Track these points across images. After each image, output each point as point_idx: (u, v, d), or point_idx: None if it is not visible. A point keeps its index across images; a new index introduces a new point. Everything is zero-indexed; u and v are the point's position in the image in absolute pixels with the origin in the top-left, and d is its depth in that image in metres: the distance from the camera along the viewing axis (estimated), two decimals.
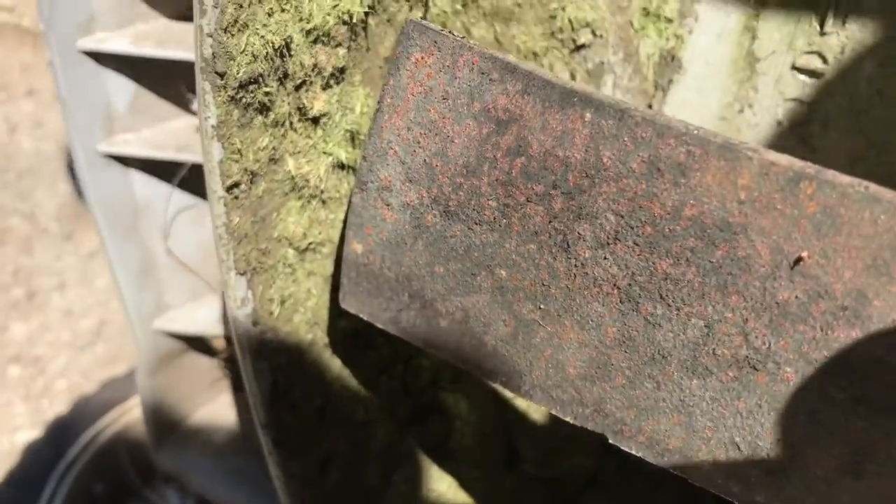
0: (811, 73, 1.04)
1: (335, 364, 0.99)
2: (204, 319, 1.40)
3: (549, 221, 0.67)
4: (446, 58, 0.69)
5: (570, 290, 0.68)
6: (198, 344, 1.50)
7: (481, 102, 0.67)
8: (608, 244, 0.65)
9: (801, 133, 1.07)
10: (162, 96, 1.25)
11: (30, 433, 2.07)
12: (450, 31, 0.69)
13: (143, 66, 1.19)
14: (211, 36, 0.69)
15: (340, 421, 1.02)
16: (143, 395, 1.49)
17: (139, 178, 1.27)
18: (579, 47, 1.08)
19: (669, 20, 1.05)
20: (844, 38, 1.00)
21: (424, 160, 0.72)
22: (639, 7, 1.05)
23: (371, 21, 0.84)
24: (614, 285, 0.66)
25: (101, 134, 1.21)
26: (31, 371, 2.25)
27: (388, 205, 0.76)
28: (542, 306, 0.70)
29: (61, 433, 1.81)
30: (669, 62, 1.09)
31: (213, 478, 1.57)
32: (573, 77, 1.12)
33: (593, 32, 1.07)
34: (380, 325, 0.81)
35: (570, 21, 1.05)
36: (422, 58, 0.70)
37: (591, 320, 0.68)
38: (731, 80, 1.08)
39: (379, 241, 0.77)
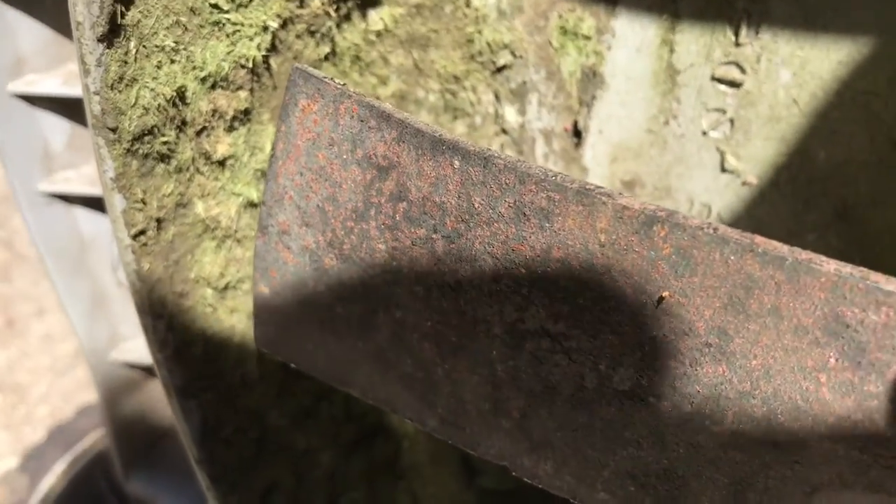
0: (731, 84, 1.04)
1: (269, 396, 1.00)
2: None
3: (435, 264, 0.68)
4: (329, 105, 0.70)
5: (461, 329, 0.69)
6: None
7: (363, 149, 0.68)
8: (491, 284, 0.66)
9: (726, 142, 1.07)
10: None
11: (11, 461, 2.10)
12: (331, 78, 0.70)
13: (78, 105, 1.20)
14: (98, 94, 0.71)
15: (280, 451, 1.04)
16: (106, 426, 1.51)
17: (83, 214, 1.28)
18: (501, 68, 1.09)
19: (587, 37, 1.06)
20: (759, 48, 1.00)
21: (317, 205, 0.73)
22: (556, 26, 1.06)
23: (274, 62, 0.85)
24: (500, 322, 0.67)
25: (40, 173, 1.22)
26: (11, 399, 2.27)
27: (288, 248, 0.77)
28: (437, 345, 0.71)
29: (37, 462, 1.83)
30: (591, 78, 1.09)
31: (184, 501, 1.59)
32: (497, 97, 1.12)
33: (513, 53, 1.08)
34: (293, 365, 0.82)
35: (488, 44, 1.06)
36: (308, 104, 0.71)
37: (482, 357, 0.69)
38: (653, 93, 1.09)
39: (284, 283, 0.78)
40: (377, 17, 0.97)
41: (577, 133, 1.14)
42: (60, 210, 1.26)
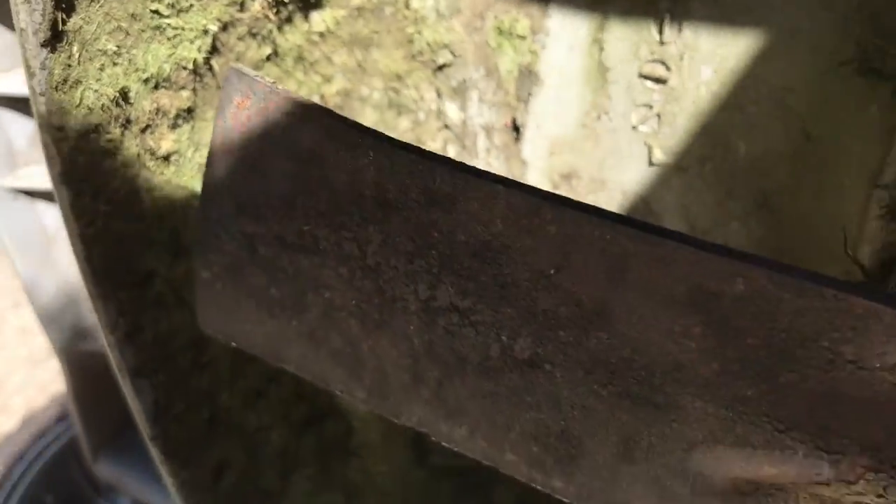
0: (657, 80, 1.11)
1: (220, 377, 1.06)
2: None
3: (357, 247, 0.74)
4: (260, 102, 0.76)
5: (382, 307, 0.75)
6: None
7: (291, 143, 0.74)
8: (406, 265, 0.72)
9: (654, 137, 1.14)
10: None
11: None
12: (263, 77, 0.76)
13: None
14: (43, 95, 0.76)
15: (232, 429, 1.10)
16: (74, 413, 1.56)
17: (47, 209, 1.34)
18: (441, 67, 1.15)
19: (522, 37, 1.12)
20: (682, 46, 1.07)
21: (251, 194, 0.79)
22: (493, 27, 1.12)
23: (216, 63, 0.91)
24: (415, 300, 0.73)
25: (4, 170, 1.27)
26: None
27: (225, 234, 0.82)
28: (362, 322, 0.77)
29: (9, 450, 1.88)
30: (528, 75, 1.16)
31: (151, 483, 1.64)
32: (439, 94, 1.18)
33: (452, 52, 1.14)
34: (234, 345, 0.88)
35: (428, 44, 1.12)
36: (241, 101, 0.77)
37: (401, 333, 0.75)
38: (586, 90, 1.15)
39: (222, 268, 0.84)
40: (319, 19, 1.03)
41: (517, 128, 1.20)
42: (25, 205, 1.31)
